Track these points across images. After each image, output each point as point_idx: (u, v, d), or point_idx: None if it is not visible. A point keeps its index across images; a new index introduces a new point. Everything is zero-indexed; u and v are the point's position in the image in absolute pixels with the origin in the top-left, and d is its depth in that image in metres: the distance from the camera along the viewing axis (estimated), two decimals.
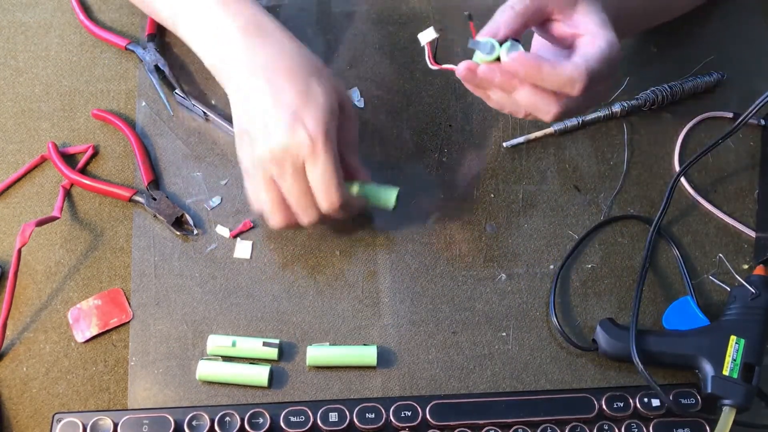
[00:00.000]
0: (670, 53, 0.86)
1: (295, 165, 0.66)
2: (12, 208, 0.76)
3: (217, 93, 0.81)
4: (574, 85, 0.63)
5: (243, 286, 0.74)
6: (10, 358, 0.70)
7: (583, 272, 0.76)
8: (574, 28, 0.67)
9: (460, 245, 0.76)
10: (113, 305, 0.72)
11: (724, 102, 0.84)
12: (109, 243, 0.75)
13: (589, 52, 0.65)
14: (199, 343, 0.71)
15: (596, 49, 0.65)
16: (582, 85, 0.63)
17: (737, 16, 0.89)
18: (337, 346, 0.71)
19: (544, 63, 0.63)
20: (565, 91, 0.64)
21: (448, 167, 0.79)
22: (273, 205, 0.69)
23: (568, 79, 0.63)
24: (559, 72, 0.63)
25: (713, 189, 0.80)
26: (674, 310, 0.73)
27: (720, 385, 0.67)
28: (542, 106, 0.65)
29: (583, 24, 0.67)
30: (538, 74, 0.63)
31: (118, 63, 0.83)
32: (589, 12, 0.67)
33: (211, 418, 0.66)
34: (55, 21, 0.85)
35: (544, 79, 0.63)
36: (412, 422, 0.67)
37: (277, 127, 0.66)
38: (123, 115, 0.81)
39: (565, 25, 0.68)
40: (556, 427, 0.67)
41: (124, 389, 0.69)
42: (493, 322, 0.73)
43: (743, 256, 0.77)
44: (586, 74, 0.63)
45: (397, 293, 0.74)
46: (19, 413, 0.68)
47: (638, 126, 0.82)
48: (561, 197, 0.79)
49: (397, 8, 0.87)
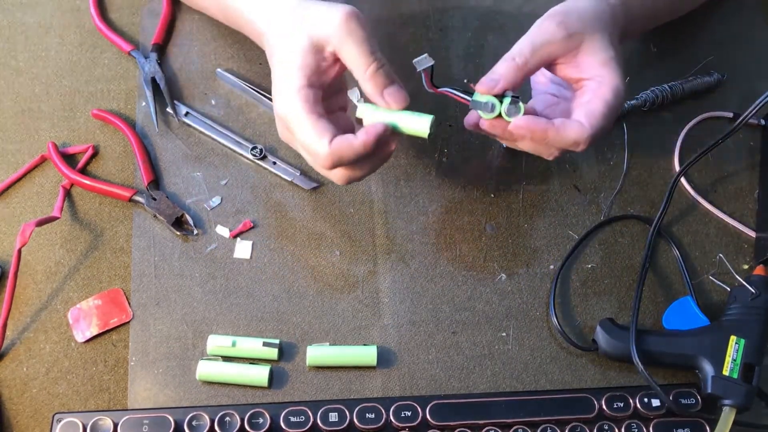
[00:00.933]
0: (670, 53, 0.86)
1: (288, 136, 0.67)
2: (12, 208, 0.76)
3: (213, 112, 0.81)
4: (578, 146, 0.65)
5: (243, 286, 0.74)
6: (10, 358, 0.70)
7: (583, 272, 0.76)
8: (579, 72, 0.67)
9: (460, 245, 0.76)
10: (113, 305, 0.72)
11: (724, 102, 0.84)
12: (109, 243, 0.75)
13: (593, 109, 0.65)
14: (199, 343, 0.71)
15: (601, 102, 0.65)
16: (585, 145, 0.65)
17: (737, 16, 0.89)
18: (337, 346, 0.71)
19: (549, 129, 0.64)
20: (570, 150, 0.66)
21: (448, 167, 0.79)
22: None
23: (572, 142, 0.65)
24: (563, 137, 0.64)
25: (713, 189, 0.80)
26: (674, 310, 0.73)
27: (720, 385, 0.67)
28: (544, 152, 0.68)
29: (588, 67, 0.67)
30: (543, 138, 0.65)
31: (118, 63, 0.83)
32: (594, 51, 0.66)
33: (211, 418, 0.66)
34: (55, 21, 0.85)
35: (549, 142, 0.65)
36: (412, 422, 0.67)
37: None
38: (123, 115, 0.81)
39: (569, 68, 0.68)
40: (556, 427, 0.67)
41: (124, 389, 0.69)
42: (493, 322, 0.73)
43: (743, 256, 0.77)
44: (591, 137, 0.65)
45: (397, 293, 0.74)
46: (19, 413, 0.68)
47: (638, 126, 0.82)
48: (561, 197, 0.79)
49: (397, 8, 0.87)
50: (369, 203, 0.78)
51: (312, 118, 0.63)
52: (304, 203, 0.77)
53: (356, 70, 0.65)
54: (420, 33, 0.86)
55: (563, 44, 0.66)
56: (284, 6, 0.68)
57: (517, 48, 0.66)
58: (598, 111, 0.65)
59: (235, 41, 0.84)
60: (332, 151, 0.63)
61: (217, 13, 0.81)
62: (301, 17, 0.66)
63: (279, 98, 0.65)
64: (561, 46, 0.66)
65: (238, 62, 0.83)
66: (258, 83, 0.82)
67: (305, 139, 0.64)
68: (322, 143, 0.63)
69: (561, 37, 0.66)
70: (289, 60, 0.65)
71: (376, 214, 0.77)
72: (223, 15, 0.80)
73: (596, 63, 0.66)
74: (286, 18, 0.67)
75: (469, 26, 0.86)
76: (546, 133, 0.64)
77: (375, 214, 0.77)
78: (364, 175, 0.68)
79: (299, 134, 0.64)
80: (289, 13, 0.67)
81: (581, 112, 0.66)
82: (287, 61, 0.65)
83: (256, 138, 0.80)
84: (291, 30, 0.66)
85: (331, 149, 0.63)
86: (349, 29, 0.63)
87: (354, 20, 0.63)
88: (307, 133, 0.63)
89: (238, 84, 0.81)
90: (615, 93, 0.66)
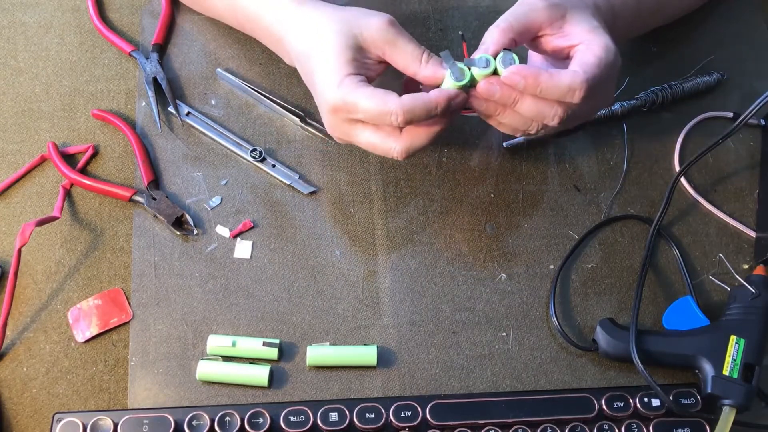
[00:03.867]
0: (670, 53, 0.86)
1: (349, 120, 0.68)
2: (12, 208, 0.76)
3: (213, 112, 0.81)
4: (574, 94, 0.64)
5: (243, 286, 0.74)
6: (10, 358, 0.70)
7: (583, 272, 0.76)
8: (568, 40, 0.68)
9: (460, 245, 0.76)
10: (113, 305, 0.72)
11: (724, 102, 0.84)
12: (109, 243, 0.75)
13: (586, 59, 0.66)
14: (199, 343, 0.71)
15: (593, 56, 0.66)
16: (582, 92, 0.64)
17: (737, 16, 0.89)
18: (337, 346, 0.71)
19: (541, 73, 0.64)
20: (566, 100, 0.65)
21: (448, 167, 0.79)
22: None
23: (567, 88, 0.64)
24: (557, 82, 0.64)
25: (713, 189, 0.80)
26: (674, 310, 0.73)
27: (720, 385, 0.67)
28: (547, 112, 0.66)
29: (576, 33, 0.67)
30: (536, 85, 0.64)
31: (118, 63, 0.83)
32: (579, 21, 0.67)
33: (211, 418, 0.66)
34: (55, 21, 0.85)
35: (543, 89, 0.64)
36: (412, 422, 0.67)
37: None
38: (123, 115, 0.81)
39: (557, 39, 0.68)
40: (556, 427, 0.67)
41: (124, 389, 0.69)
42: (493, 322, 0.73)
43: (743, 256, 0.77)
44: (585, 82, 0.64)
45: (397, 293, 0.74)
46: (19, 413, 0.68)
47: (638, 126, 0.82)
48: (561, 197, 0.79)
49: (397, 8, 0.87)
50: (369, 203, 0.78)
51: (371, 88, 0.66)
52: (304, 203, 0.77)
53: (412, 63, 0.67)
54: (420, 33, 0.86)
55: (546, 12, 0.67)
56: (315, 12, 0.70)
57: (500, 18, 0.67)
58: (590, 61, 0.65)
59: (235, 41, 0.84)
60: (403, 103, 0.64)
61: (228, 17, 0.81)
62: (341, 20, 0.68)
63: (329, 89, 0.66)
64: (544, 14, 0.67)
65: (238, 62, 0.83)
66: (258, 83, 0.82)
67: (373, 105, 0.64)
68: (392, 99, 0.64)
69: (543, 6, 0.67)
70: (333, 58, 0.67)
71: (376, 214, 0.77)
72: (235, 19, 0.80)
73: (583, 30, 0.67)
74: (320, 22, 0.69)
75: (469, 26, 0.86)
76: (538, 78, 0.64)
77: (375, 214, 0.77)
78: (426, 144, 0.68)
79: (364, 105, 0.64)
80: (326, 18, 0.69)
81: (574, 63, 0.66)
82: (331, 60, 0.67)
83: (255, 138, 0.80)
84: (331, 32, 0.68)
85: (402, 101, 0.64)
86: (396, 31, 0.68)
87: (395, 24, 0.68)
88: (372, 98, 0.64)
89: (238, 84, 0.81)
90: (606, 49, 0.66)
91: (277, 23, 0.73)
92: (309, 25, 0.70)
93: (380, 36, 0.67)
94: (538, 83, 0.64)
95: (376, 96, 0.64)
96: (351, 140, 0.69)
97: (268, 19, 0.74)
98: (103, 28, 0.84)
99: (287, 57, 0.75)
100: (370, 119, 0.66)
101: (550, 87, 0.64)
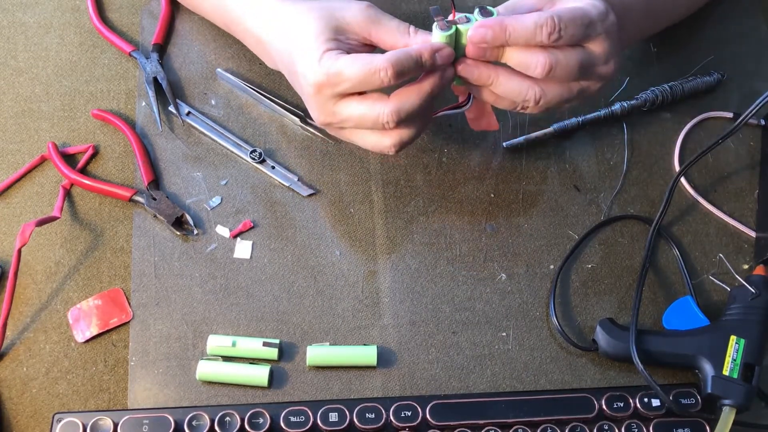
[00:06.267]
0: (670, 53, 0.86)
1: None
2: (12, 208, 0.76)
3: (213, 112, 0.81)
4: (542, 30, 0.63)
5: (243, 286, 0.74)
6: (10, 358, 0.70)
7: (583, 272, 0.76)
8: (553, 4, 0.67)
9: (460, 245, 0.76)
10: (113, 305, 0.72)
11: (724, 102, 0.84)
12: (109, 243, 0.75)
13: (558, 6, 0.65)
14: (199, 343, 0.71)
15: (569, 4, 0.65)
16: (549, 29, 0.63)
17: (737, 16, 0.89)
18: (337, 346, 0.71)
19: (505, 18, 0.63)
20: (537, 41, 0.63)
21: (448, 167, 0.79)
22: None
23: (533, 25, 0.63)
24: (522, 21, 0.63)
25: (713, 189, 0.80)
26: (674, 310, 0.73)
27: (720, 385, 0.67)
28: (531, 60, 0.64)
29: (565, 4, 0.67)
30: (503, 29, 0.63)
31: (118, 63, 0.83)
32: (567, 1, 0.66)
33: (211, 418, 0.66)
34: (55, 21, 0.85)
35: (511, 33, 0.63)
36: (412, 422, 0.67)
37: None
38: (123, 115, 0.81)
39: None
40: (556, 427, 0.67)
41: (124, 389, 0.69)
42: (493, 322, 0.73)
43: (743, 256, 0.77)
44: (550, 18, 0.63)
45: (397, 293, 0.74)
46: (19, 413, 0.68)
47: (638, 126, 0.82)
48: (561, 197, 0.79)
49: (398, 8, 0.87)
50: (369, 203, 0.78)
51: (353, 54, 0.65)
52: (304, 203, 0.77)
53: (400, 38, 0.67)
54: None
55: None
56: (294, 7, 0.69)
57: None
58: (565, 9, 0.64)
59: (235, 41, 0.84)
60: (390, 57, 0.63)
61: (217, 19, 0.81)
62: (320, 9, 0.68)
63: (310, 69, 0.65)
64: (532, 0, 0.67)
65: (238, 62, 0.83)
66: (258, 83, 0.82)
67: (358, 68, 0.63)
68: (377, 57, 0.63)
69: None
70: (312, 40, 0.66)
71: (376, 214, 0.77)
72: (223, 21, 0.80)
73: (572, 2, 0.66)
74: (300, 16, 0.68)
75: None
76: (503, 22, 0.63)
77: (375, 214, 0.77)
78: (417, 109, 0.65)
79: (349, 70, 0.63)
80: (305, 9, 0.68)
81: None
82: (310, 42, 0.66)
83: (255, 138, 0.80)
84: (311, 19, 0.67)
85: (388, 56, 0.63)
86: (378, 11, 0.68)
87: (373, 6, 0.68)
88: (356, 61, 0.63)
89: (238, 84, 0.82)
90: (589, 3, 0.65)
91: (257, 27, 0.73)
92: (289, 21, 0.69)
93: (363, 17, 0.67)
94: (504, 27, 0.63)
95: (360, 58, 0.64)
96: (339, 120, 0.67)
97: (250, 23, 0.74)
98: (103, 28, 0.84)
99: (269, 59, 0.75)
100: (358, 84, 0.64)
101: (516, 29, 0.63)
